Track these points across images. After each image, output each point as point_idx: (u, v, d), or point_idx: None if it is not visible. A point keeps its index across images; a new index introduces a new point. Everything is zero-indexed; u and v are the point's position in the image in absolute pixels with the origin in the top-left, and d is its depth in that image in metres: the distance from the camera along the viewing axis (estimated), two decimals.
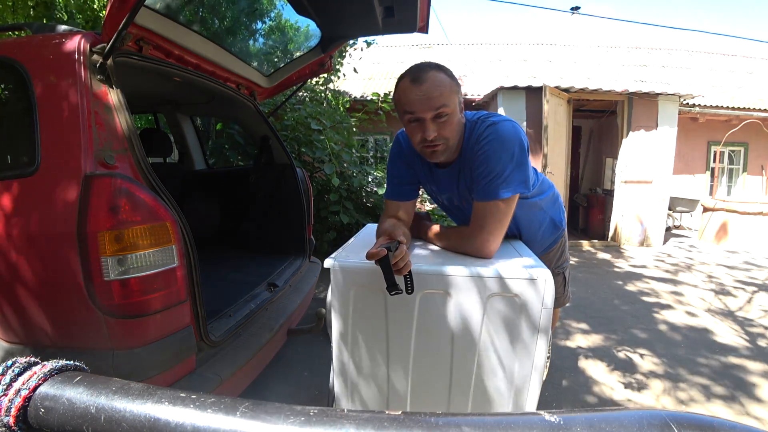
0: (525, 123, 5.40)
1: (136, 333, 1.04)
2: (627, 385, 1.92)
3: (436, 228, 1.15)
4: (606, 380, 1.97)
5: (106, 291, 0.99)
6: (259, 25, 2.31)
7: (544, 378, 1.79)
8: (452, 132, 0.98)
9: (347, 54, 5.15)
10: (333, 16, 1.88)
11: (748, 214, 5.33)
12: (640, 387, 1.91)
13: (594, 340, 2.43)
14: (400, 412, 0.24)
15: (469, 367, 0.93)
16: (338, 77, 5.26)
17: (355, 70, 5.24)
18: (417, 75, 0.94)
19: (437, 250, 1.10)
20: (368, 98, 5.23)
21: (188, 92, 2.31)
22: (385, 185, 1.24)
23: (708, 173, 7.14)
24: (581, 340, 2.42)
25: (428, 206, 4.31)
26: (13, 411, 0.26)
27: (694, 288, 3.53)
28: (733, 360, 2.17)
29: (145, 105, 2.82)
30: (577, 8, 7.95)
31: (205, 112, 3.03)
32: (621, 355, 2.23)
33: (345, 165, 3.46)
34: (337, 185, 3.18)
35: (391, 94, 1.28)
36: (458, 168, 1.09)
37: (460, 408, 0.97)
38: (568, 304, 1.69)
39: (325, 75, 5.10)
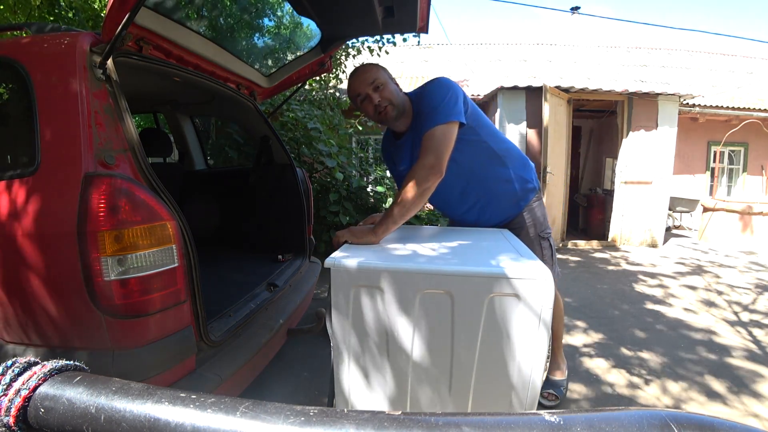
0: (525, 123, 5.40)
1: (136, 333, 1.04)
2: (627, 385, 1.92)
3: (391, 202, 1.25)
4: (606, 380, 1.97)
5: (106, 291, 0.99)
6: (259, 25, 2.31)
7: (544, 378, 1.79)
8: (392, 94, 1.28)
9: (351, 56, 5.15)
10: (333, 16, 1.88)
11: (748, 214, 5.33)
12: (641, 386, 1.91)
13: (594, 339, 2.43)
14: (399, 412, 0.24)
15: (469, 367, 0.93)
16: (339, 80, 5.28)
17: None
18: (353, 72, 1.32)
19: (436, 250, 1.10)
20: None
21: (188, 92, 2.31)
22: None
23: (708, 173, 7.14)
24: (581, 339, 2.42)
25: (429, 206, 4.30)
26: (13, 411, 0.26)
27: (693, 288, 3.53)
28: (733, 359, 2.18)
29: (145, 105, 2.82)
30: (577, 8, 7.93)
31: (205, 112, 3.02)
32: (621, 354, 2.23)
33: (344, 165, 3.46)
34: (341, 179, 3.18)
35: None
36: (411, 138, 1.34)
37: (460, 408, 0.97)
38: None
39: (326, 77, 5.11)
